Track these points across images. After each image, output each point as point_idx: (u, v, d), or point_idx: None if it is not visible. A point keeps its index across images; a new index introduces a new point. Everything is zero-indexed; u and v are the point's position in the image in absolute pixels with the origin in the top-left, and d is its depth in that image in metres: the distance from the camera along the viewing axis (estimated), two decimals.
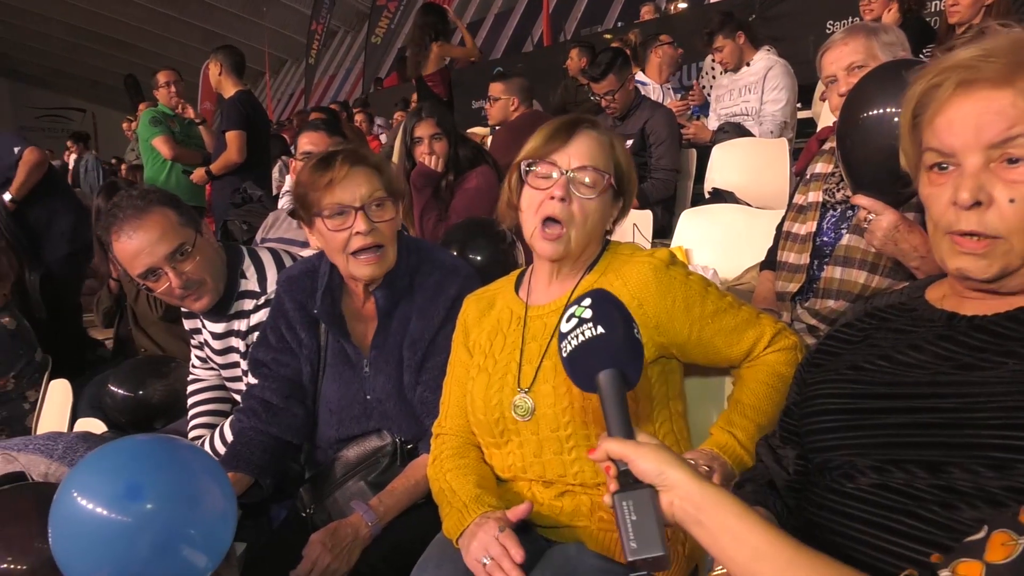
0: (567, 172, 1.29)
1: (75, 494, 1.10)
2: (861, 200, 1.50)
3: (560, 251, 1.32)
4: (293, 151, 7.48)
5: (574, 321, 0.95)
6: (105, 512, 1.08)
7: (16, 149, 3.85)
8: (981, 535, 0.71)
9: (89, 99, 20.14)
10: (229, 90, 4.56)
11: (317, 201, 1.55)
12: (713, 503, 0.82)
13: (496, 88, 4.05)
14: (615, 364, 0.92)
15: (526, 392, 1.31)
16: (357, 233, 1.53)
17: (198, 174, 4.68)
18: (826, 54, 1.84)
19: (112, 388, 2.53)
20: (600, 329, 0.92)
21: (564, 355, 0.95)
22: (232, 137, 4.41)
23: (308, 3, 19.78)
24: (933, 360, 0.93)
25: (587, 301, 0.96)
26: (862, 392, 0.97)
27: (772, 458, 1.13)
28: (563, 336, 0.95)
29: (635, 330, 0.95)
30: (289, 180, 4.23)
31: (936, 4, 4.55)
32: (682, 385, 1.40)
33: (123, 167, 8.16)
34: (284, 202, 4.14)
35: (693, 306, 1.30)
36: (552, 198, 1.28)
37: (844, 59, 1.78)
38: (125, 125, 8.87)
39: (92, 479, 1.14)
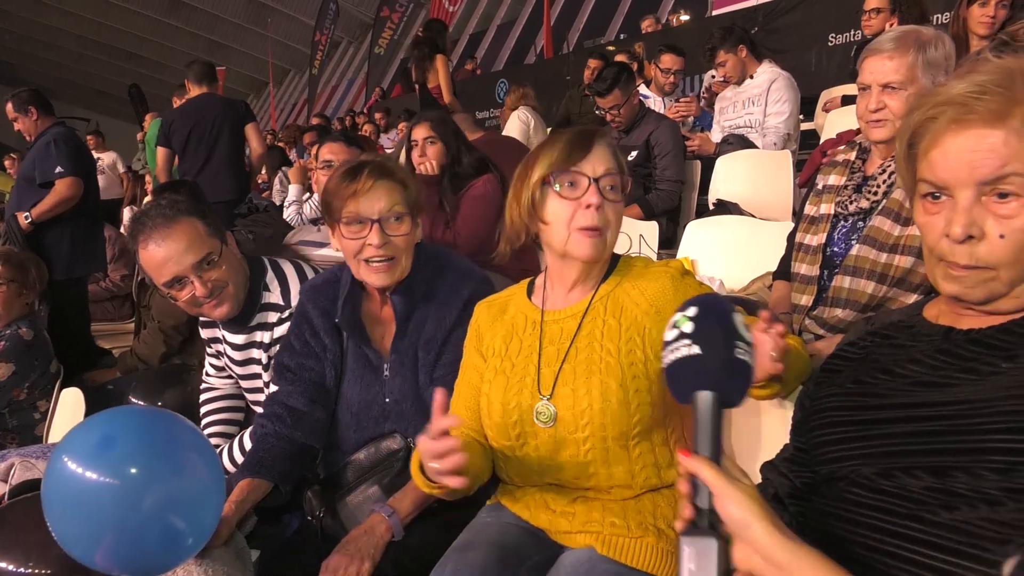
0: (596, 179, 1.33)
1: (60, 455, 1.13)
2: None
3: (599, 252, 1.36)
4: (294, 161, 7.54)
5: (674, 333, 0.89)
6: (84, 466, 1.11)
7: (58, 170, 3.75)
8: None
9: (94, 109, 20.25)
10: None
11: (339, 208, 1.60)
12: (799, 567, 0.77)
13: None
14: (713, 387, 0.85)
15: (548, 399, 1.33)
16: (370, 244, 1.58)
17: None
18: (868, 60, 1.76)
19: (133, 400, 2.55)
20: (696, 349, 0.86)
21: (663, 366, 0.90)
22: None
23: (312, 14, 19.94)
24: (932, 371, 0.96)
25: (691, 311, 0.89)
26: (866, 404, 1.00)
27: (777, 473, 1.15)
28: (665, 345, 0.90)
29: (739, 350, 0.86)
30: (293, 190, 4.27)
31: (937, 18, 4.59)
32: None
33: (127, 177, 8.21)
34: (289, 212, 4.18)
35: None
36: (588, 207, 1.32)
37: (884, 75, 1.72)
38: (140, 136, 8.96)
39: (73, 437, 1.17)
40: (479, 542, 1.32)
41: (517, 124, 5.46)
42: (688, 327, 0.87)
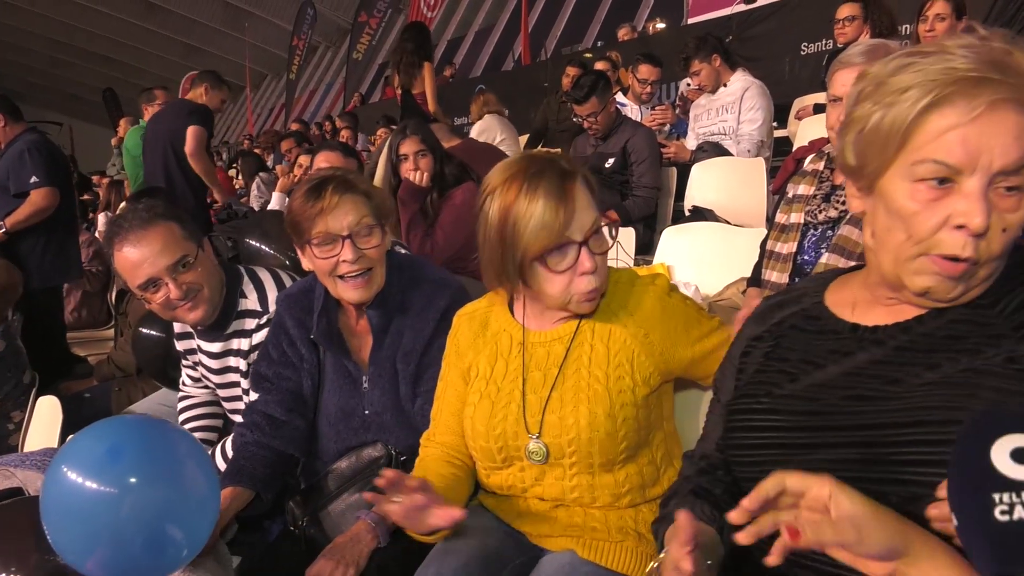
0: (584, 242, 1.24)
1: (62, 464, 1.15)
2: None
3: (597, 303, 1.33)
4: (271, 167, 7.50)
5: None
6: (89, 477, 1.12)
7: (33, 180, 3.69)
8: None
9: (67, 113, 19.98)
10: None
11: (308, 229, 1.59)
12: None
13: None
14: None
15: (537, 438, 1.32)
16: (344, 260, 1.58)
17: None
18: (838, 72, 1.76)
19: (143, 331, 2.54)
20: None
21: (1000, 518, 0.61)
22: None
23: (290, 18, 19.83)
24: (842, 381, 0.94)
25: None
26: (780, 425, 0.98)
27: (696, 470, 1.14)
28: (1007, 484, 0.61)
29: None
30: (276, 198, 4.26)
31: (906, 28, 4.69)
32: (673, 407, 1.44)
33: (104, 182, 8.10)
34: None
35: (692, 328, 1.35)
36: (583, 274, 1.25)
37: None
38: (114, 141, 8.85)
39: (77, 445, 1.18)
40: (461, 546, 1.33)
41: (488, 128, 5.30)
42: None
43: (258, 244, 2.80)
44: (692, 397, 1.51)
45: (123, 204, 5.25)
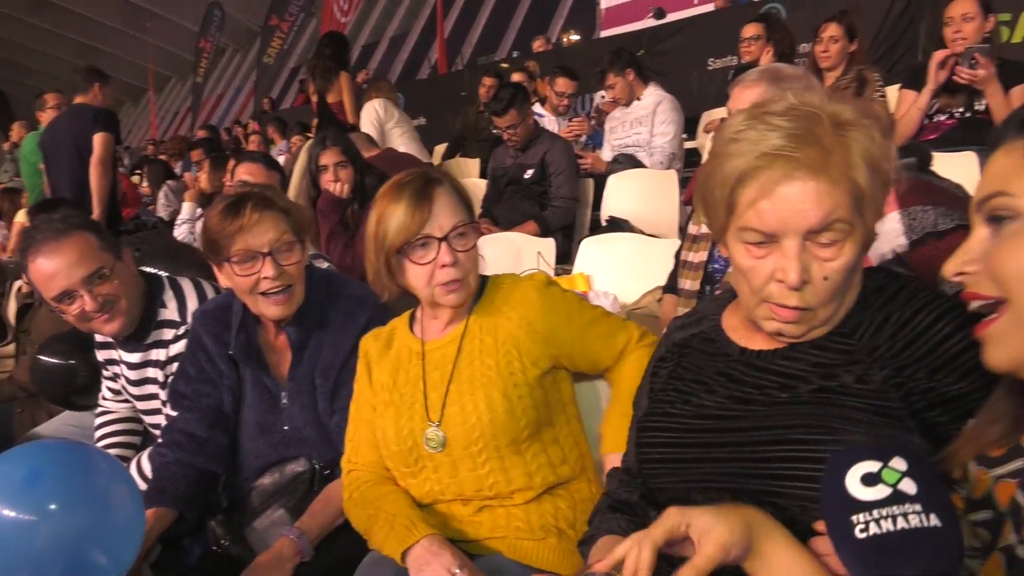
0: (444, 238, 1.35)
1: None
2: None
3: (464, 297, 1.42)
4: (179, 175, 7.23)
5: (883, 491, 0.68)
6: (3, 503, 1.08)
7: None
8: None
9: None
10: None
11: (227, 247, 1.58)
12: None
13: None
14: (942, 571, 0.64)
15: (436, 425, 1.39)
16: (265, 277, 1.58)
17: None
18: (734, 89, 1.91)
19: (43, 359, 2.39)
20: (935, 520, 0.65)
21: (859, 536, 0.67)
22: None
23: (195, 19, 19.17)
24: (729, 403, 1.05)
25: (899, 462, 0.69)
26: (673, 441, 1.09)
27: (617, 483, 1.23)
28: (860, 505, 0.68)
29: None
30: (186, 208, 4.12)
31: (803, 47, 4.98)
32: (573, 392, 1.52)
33: None
34: (181, 231, 4.04)
35: (573, 316, 1.44)
36: (443, 266, 1.36)
37: (745, 104, 1.90)
38: (7, 146, 8.31)
39: None
40: (389, 557, 1.34)
41: (367, 118, 5.01)
42: (908, 487, 0.67)
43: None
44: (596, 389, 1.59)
45: (20, 213, 4.98)
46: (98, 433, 2.12)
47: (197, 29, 19.10)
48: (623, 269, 2.82)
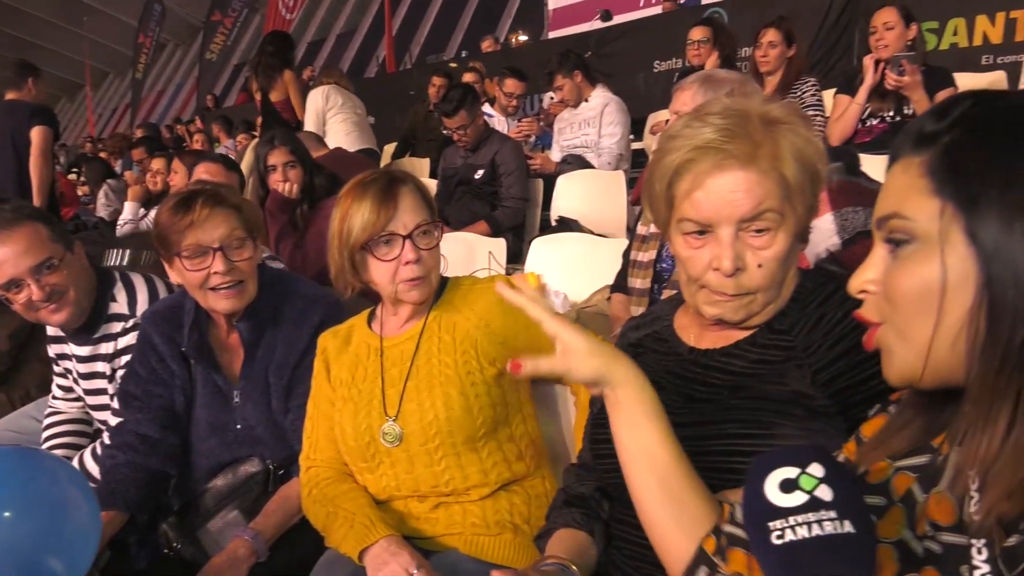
0: (408, 236, 1.39)
1: None
2: None
3: (426, 294, 1.45)
4: (119, 173, 7.02)
5: (800, 497, 0.68)
6: None
7: None
8: None
9: None
10: None
11: (177, 242, 1.58)
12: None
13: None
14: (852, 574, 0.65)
15: (393, 420, 1.41)
16: (215, 272, 1.58)
17: None
18: (677, 92, 1.99)
19: None
20: (849, 527, 0.65)
21: (775, 542, 0.67)
22: None
23: (134, 14, 18.63)
24: (679, 400, 1.08)
25: (816, 468, 0.69)
26: None
27: (574, 477, 1.26)
28: (777, 512, 0.68)
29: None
30: (129, 208, 4.03)
31: (745, 51, 5.12)
32: (529, 392, 1.55)
33: None
34: (124, 231, 3.96)
35: (531, 320, 1.47)
36: (407, 263, 1.39)
37: (683, 106, 1.92)
38: None
39: None
40: (346, 556, 1.36)
41: (310, 106, 4.91)
42: (825, 493, 0.67)
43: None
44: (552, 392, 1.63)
45: None
46: (45, 433, 2.10)
47: (136, 24, 18.56)
48: (573, 268, 2.87)
